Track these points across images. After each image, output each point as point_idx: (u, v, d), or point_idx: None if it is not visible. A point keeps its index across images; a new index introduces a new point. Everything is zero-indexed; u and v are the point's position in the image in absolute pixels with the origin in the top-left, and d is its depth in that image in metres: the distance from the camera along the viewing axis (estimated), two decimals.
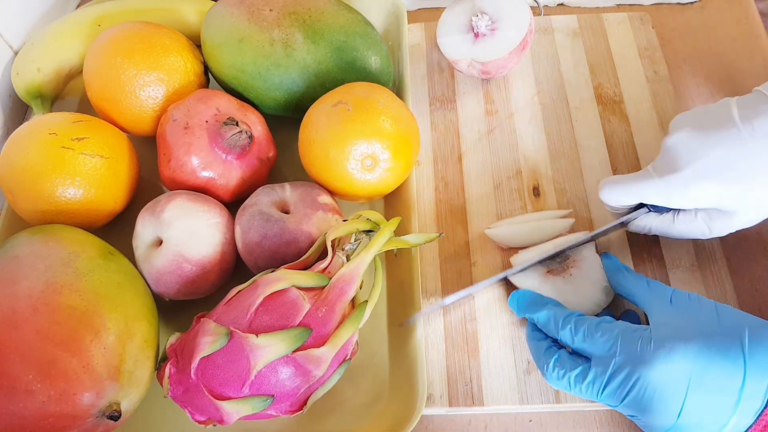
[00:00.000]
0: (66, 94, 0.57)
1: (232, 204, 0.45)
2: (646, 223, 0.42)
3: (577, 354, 0.38)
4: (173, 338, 0.37)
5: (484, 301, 0.44)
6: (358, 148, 0.41)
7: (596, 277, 0.42)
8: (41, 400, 0.33)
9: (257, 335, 0.34)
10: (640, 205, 0.42)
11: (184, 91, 0.48)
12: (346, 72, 0.47)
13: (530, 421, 0.41)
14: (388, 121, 0.42)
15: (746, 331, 0.33)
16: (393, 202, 0.48)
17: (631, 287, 0.40)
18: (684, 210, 0.41)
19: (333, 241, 0.38)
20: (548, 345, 0.39)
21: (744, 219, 0.39)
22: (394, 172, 0.43)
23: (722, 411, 0.32)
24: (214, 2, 0.54)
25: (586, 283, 0.42)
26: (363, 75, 0.47)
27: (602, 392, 0.35)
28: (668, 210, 0.41)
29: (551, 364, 0.37)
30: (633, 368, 0.34)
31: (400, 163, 0.43)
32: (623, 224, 0.43)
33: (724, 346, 0.33)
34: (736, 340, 0.33)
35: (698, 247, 0.45)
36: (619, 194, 0.41)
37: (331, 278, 0.37)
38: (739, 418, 0.32)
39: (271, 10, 0.46)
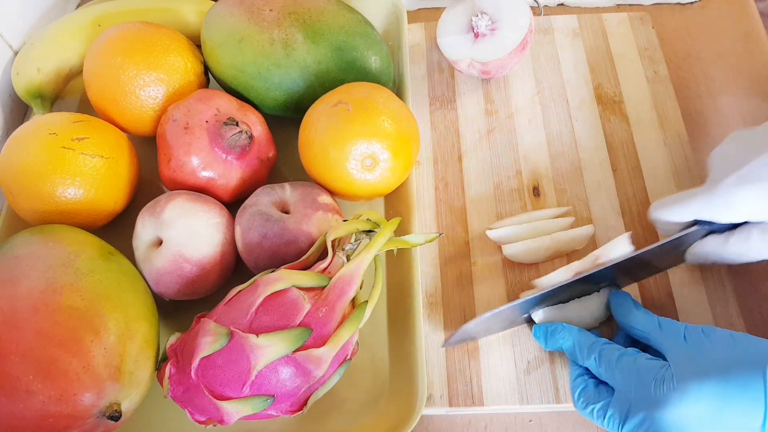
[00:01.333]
0: (66, 94, 0.57)
1: (232, 204, 0.45)
2: (701, 248, 0.39)
3: (605, 384, 0.37)
4: (173, 338, 0.37)
5: (485, 301, 0.44)
6: (358, 148, 0.41)
7: (603, 296, 0.42)
8: (41, 401, 0.33)
9: (257, 335, 0.34)
10: (695, 224, 0.39)
11: (184, 91, 0.48)
12: (346, 72, 0.47)
13: (530, 421, 0.41)
14: (388, 121, 0.42)
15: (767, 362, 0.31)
16: (393, 202, 0.48)
17: (642, 327, 0.38)
18: (739, 229, 0.37)
19: (333, 241, 0.38)
20: (580, 372, 0.39)
21: None
22: (394, 172, 0.43)
23: None
24: (214, 2, 0.54)
25: (592, 299, 0.42)
26: (363, 75, 0.47)
27: (621, 430, 0.35)
28: (722, 229, 0.38)
29: (577, 394, 0.37)
30: (648, 411, 0.33)
31: (400, 163, 0.43)
32: (676, 248, 0.40)
33: (743, 379, 0.31)
34: (756, 372, 0.31)
35: None
36: (665, 212, 0.39)
37: (331, 278, 0.37)
38: None
39: (271, 10, 0.46)
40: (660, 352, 0.36)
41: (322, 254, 0.39)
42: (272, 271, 0.37)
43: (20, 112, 0.58)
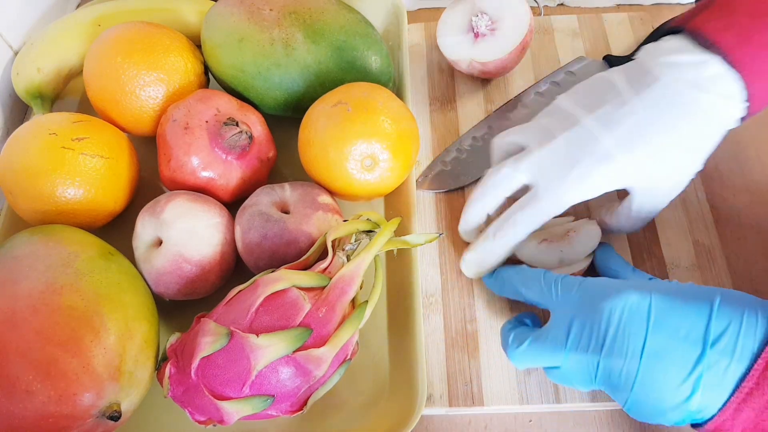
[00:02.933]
0: (66, 94, 0.57)
1: (232, 204, 0.45)
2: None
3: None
4: (173, 338, 0.37)
5: (484, 301, 0.44)
6: (358, 148, 0.41)
7: (588, 246, 0.42)
8: (41, 401, 0.33)
9: (258, 335, 0.34)
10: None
11: (184, 91, 0.48)
12: (346, 72, 0.47)
13: (530, 421, 0.41)
14: (387, 121, 0.42)
15: (718, 293, 0.33)
16: (393, 202, 0.48)
17: (616, 267, 0.41)
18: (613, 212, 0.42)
19: (333, 242, 0.38)
20: (510, 326, 0.39)
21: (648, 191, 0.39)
22: (394, 172, 0.43)
23: (690, 355, 0.31)
24: (214, 2, 0.54)
25: (576, 250, 0.42)
26: (363, 75, 0.47)
27: (566, 348, 0.35)
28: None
29: (510, 339, 0.38)
30: (592, 308, 0.34)
31: (399, 163, 0.43)
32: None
33: (689, 297, 0.33)
34: (704, 297, 0.33)
35: (698, 247, 0.45)
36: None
37: (331, 278, 0.37)
38: (718, 369, 0.31)
39: (271, 10, 0.46)
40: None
41: (322, 254, 0.39)
42: (272, 271, 0.37)
43: (20, 112, 0.58)
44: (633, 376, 0.33)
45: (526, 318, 0.40)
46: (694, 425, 0.33)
